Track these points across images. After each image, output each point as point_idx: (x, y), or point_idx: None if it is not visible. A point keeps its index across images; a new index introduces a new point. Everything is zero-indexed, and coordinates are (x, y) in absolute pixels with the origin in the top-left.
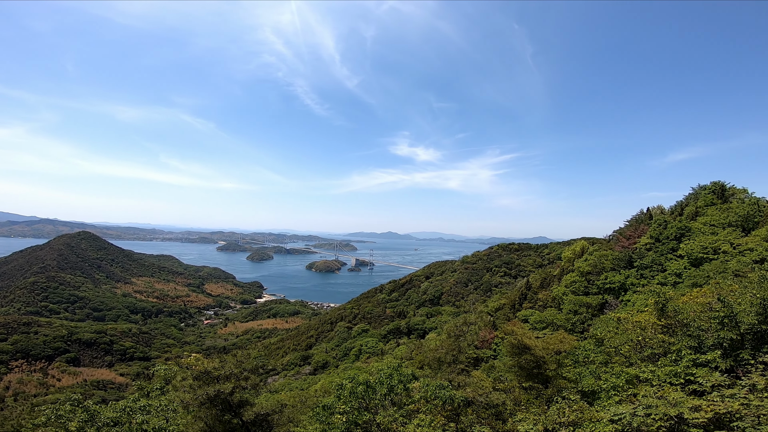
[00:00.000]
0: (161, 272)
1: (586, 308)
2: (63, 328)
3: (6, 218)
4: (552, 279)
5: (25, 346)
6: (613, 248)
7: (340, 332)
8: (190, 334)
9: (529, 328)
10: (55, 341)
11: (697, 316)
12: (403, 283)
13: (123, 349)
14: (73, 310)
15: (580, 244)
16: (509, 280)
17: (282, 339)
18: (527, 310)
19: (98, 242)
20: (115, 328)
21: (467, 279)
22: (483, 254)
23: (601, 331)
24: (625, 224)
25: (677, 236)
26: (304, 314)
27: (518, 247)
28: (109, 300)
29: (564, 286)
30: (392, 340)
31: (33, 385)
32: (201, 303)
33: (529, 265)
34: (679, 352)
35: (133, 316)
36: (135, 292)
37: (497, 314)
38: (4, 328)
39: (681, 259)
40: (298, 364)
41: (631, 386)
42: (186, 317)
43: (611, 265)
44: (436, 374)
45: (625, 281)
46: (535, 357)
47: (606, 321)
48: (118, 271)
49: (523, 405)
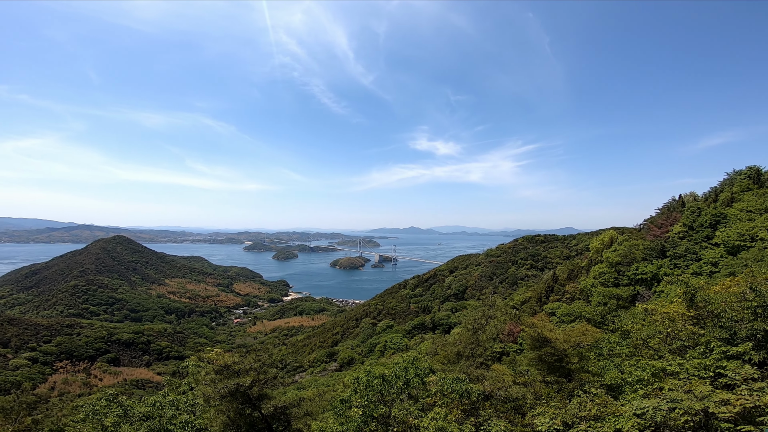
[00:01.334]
0: (192, 273)
1: (616, 300)
2: (103, 329)
3: (45, 225)
4: (580, 270)
5: (69, 347)
6: (644, 237)
7: (365, 329)
8: (221, 333)
9: (557, 321)
10: (96, 342)
11: (729, 307)
12: (427, 278)
13: (159, 349)
14: (112, 311)
15: (609, 234)
16: (536, 273)
17: (308, 336)
18: (554, 302)
19: (132, 246)
20: (152, 329)
21: (492, 272)
22: (508, 247)
23: (626, 323)
24: (657, 212)
25: (712, 223)
26: (329, 311)
27: (544, 239)
28: (145, 301)
29: (592, 278)
30: (417, 336)
31: (77, 385)
32: (230, 302)
33: (556, 256)
34: (709, 344)
35: (168, 316)
36: (168, 293)
37: (523, 307)
38: (49, 331)
39: (717, 248)
40: (324, 361)
41: (657, 380)
42: (217, 316)
43: (642, 255)
44: (455, 368)
45: (658, 271)
46: (555, 350)
47: (633, 313)
48: (152, 273)
49: (544, 399)
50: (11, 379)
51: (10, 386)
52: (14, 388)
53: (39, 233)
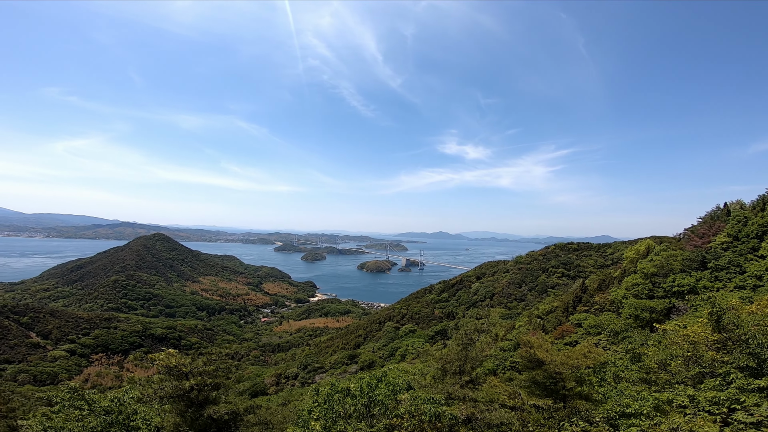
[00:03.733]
0: (224, 271)
1: (649, 313)
2: (139, 324)
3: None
4: (612, 281)
5: (105, 340)
6: (683, 247)
7: (387, 332)
8: (248, 331)
9: (582, 333)
10: (131, 336)
11: (760, 331)
12: (453, 284)
13: (189, 344)
14: (148, 306)
15: (646, 243)
16: (567, 282)
17: (332, 338)
18: (581, 313)
19: (170, 243)
20: (183, 324)
21: (521, 280)
22: (538, 254)
23: (637, 344)
24: (699, 221)
25: (759, 234)
26: (354, 314)
27: (577, 247)
28: (179, 297)
29: (624, 289)
30: (439, 341)
31: (110, 377)
32: (259, 301)
33: (589, 265)
34: (728, 375)
35: (200, 313)
36: (201, 290)
37: (548, 317)
38: (88, 324)
39: (762, 260)
40: (345, 363)
41: (659, 413)
42: (245, 315)
43: (681, 266)
44: (438, 385)
45: (697, 284)
46: (548, 373)
47: (646, 334)
48: (188, 271)
49: (531, 426)
50: (48, 371)
51: (47, 377)
52: (51, 379)
53: (86, 229)
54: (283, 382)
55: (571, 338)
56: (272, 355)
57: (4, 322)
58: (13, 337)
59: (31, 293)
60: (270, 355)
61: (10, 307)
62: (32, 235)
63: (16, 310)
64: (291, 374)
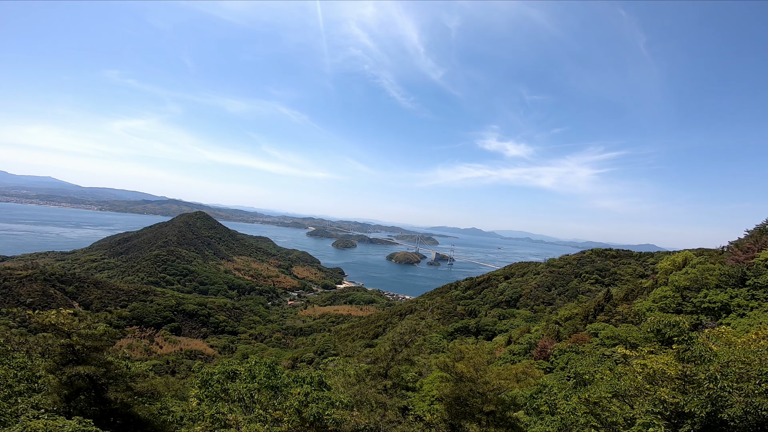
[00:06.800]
0: (257, 253)
1: (670, 328)
2: (173, 299)
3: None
4: (640, 291)
5: (141, 313)
6: (724, 261)
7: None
8: (274, 312)
9: (597, 343)
10: (165, 311)
11: (728, 369)
12: (480, 282)
13: (217, 323)
14: (184, 282)
15: (683, 255)
16: (600, 289)
17: (352, 326)
18: (600, 323)
19: (210, 222)
20: (214, 302)
21: (551, 283)
22: (572, 258)
23: (582, 368)
24: (746, 234)
25: None
26: (378, 304)
27: (616, 254)
28: (213, 275)
29: (651, 301)
30: (458, 338)
31: (140, 350)
32: (288, 284)
33: (627, 274)
34: (648, 426)
35: (230, 291)
36: (234, 269)
37: (566, 324)
38: (127, 296)
39: None
40: (360, 351)
41: None
42: (273, 296)
43: (716, 281)
44: (357, 386)
45: (730, 301)
46: (473, 391)
47: (598, 357)
48: (224, 249)
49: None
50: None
51: None
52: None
53: (135, 204)
54: (299, 367)
55: (584, 348)
56: (293, 339)
57: (50, 290)
58: (56, 305)
59: (80, 263)
60: (291, 339)
61: (57, 276)
62: (87, 207)
63: (63, 279)
64: (307, 359)
